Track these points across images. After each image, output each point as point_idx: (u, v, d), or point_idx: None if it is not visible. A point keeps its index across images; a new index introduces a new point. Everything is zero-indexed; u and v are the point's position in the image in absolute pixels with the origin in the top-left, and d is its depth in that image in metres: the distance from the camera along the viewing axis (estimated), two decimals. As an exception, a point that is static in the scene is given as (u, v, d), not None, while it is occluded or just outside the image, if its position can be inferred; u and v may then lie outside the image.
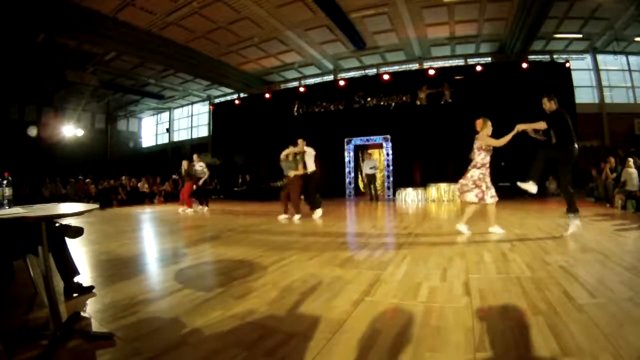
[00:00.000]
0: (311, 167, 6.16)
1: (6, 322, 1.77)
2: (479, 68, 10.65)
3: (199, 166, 8.52)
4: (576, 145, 3.66)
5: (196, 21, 9.80)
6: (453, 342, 1.45)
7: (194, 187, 8.39)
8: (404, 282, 2.29)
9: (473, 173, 3.95)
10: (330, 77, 14.04)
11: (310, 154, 6.19)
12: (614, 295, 1.90)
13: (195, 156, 8.75)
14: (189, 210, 8.02)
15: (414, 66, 12.85)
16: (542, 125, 3.73)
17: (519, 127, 3.83)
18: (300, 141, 6.20)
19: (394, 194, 10.69)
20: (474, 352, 1.37)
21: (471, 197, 3.93)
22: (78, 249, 3.54)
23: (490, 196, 3.92)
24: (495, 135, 4.00)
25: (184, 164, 8.38)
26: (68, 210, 1.78)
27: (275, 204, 10.12)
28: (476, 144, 3.97)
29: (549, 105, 3.85)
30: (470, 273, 2.44)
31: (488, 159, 3.96)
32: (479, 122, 4.05)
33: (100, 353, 1.45)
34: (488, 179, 3.96)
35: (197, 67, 12.69)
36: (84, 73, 12.05)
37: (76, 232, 2.19)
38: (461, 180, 4.04)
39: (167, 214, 8.13)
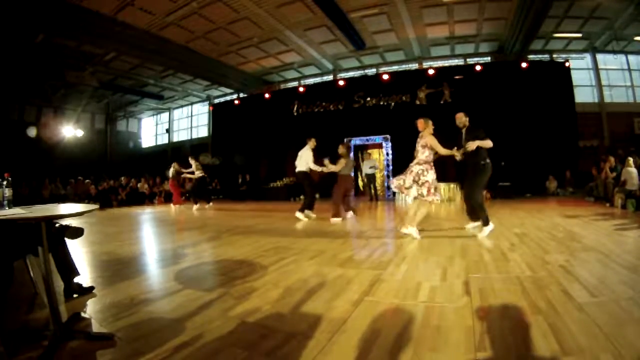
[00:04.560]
0: (300, 166, 6.18)
1: (6, 323, 1.77)
2: (478, 68, 10.64)
3: (189, 171, 9.16)
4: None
5: (196, 21, 9.79)
6: (453, 342, 1.45)
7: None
8: (404, 282, 2.29)
9: (413, 168, 3.90)
10: (330, 77, 14.03)
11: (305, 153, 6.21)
12: (614, 295, 1.90)
13: (176, 165, 9.42)
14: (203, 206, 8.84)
15: (414, 66, 12.85)
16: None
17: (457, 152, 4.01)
18: (312, 140, 6.25)
19: (393, 194, 10.68)
20: (474, 351, 1.37)
21: (413, 193, 3.84)
22: (78, 250, 3.54)
23: (432, 195, 3.79)
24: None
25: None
26: (68, 210, 1.78)
27: (276, 203, 10.15)
28: (421, 142, 3.94)
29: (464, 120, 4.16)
30: (471, 272, 2.44)
31: (432, 157, 3.91)
32: (420, 122, 4.06)
33: (100, 353, 1.45)
34: (432, 177, 3.84)
35: (197, 67, 12.68)
36: (83, 73, 12.03)
37: (76, 232, 2.19)
38: (401, 176, 3.94)
39: (167, 214, 8.12)
